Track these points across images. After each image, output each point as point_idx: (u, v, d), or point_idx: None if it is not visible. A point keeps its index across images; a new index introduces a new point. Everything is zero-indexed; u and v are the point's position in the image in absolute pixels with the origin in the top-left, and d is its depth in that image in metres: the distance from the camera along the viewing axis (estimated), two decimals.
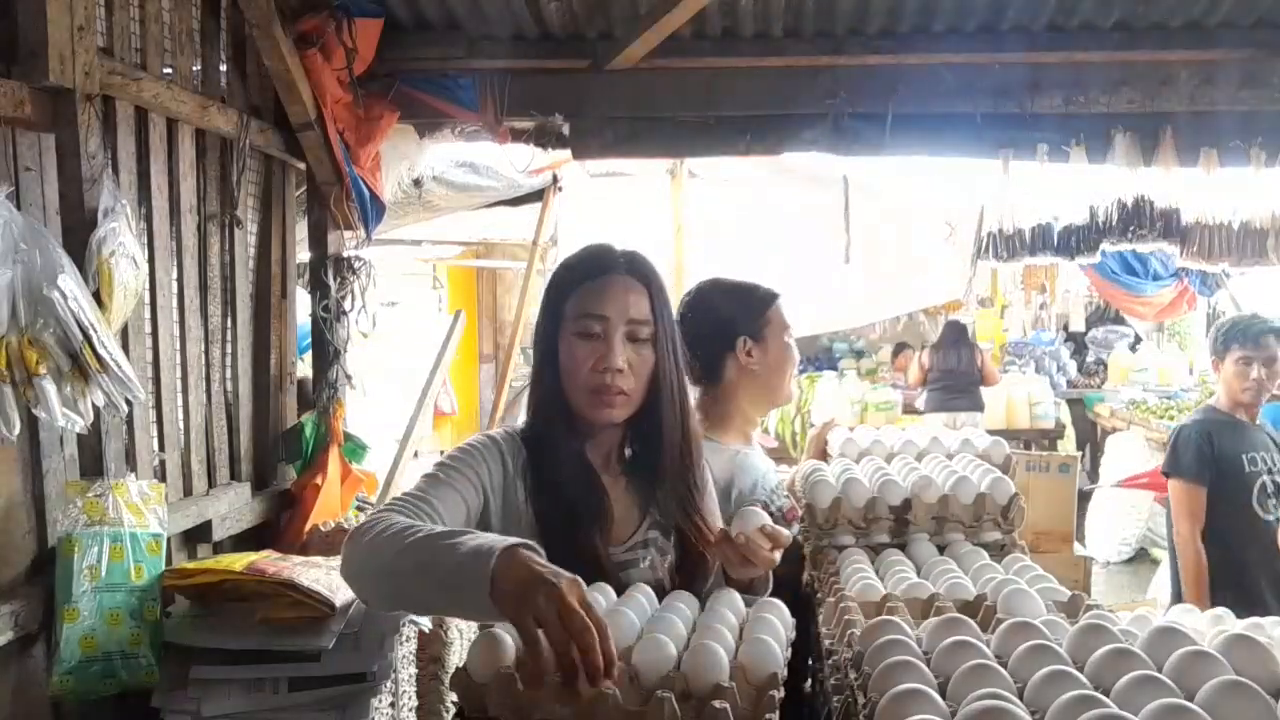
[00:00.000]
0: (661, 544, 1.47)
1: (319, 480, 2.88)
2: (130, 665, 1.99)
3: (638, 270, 1.47)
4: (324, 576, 2.05)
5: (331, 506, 2.91)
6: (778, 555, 1.33)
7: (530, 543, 1.12)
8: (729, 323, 1.96)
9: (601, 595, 1.32)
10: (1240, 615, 1.45)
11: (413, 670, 2.33)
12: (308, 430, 2.96)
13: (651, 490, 1.49)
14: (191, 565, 2.20)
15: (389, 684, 2.13)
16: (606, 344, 1.41)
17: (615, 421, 1.45)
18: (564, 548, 1.28)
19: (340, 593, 2.03)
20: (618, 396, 1.42)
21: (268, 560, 2.14)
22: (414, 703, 2.33)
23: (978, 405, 7.26)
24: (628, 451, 1.52)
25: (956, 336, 7.48)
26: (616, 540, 1.44)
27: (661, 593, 1.35)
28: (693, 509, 1.47)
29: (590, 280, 1.45)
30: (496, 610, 1.07)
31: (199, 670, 2.03)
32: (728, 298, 1.99)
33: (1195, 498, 3.04)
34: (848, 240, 5.36)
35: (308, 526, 2.79)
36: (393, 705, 2.18)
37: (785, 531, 1.33)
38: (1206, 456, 3.05)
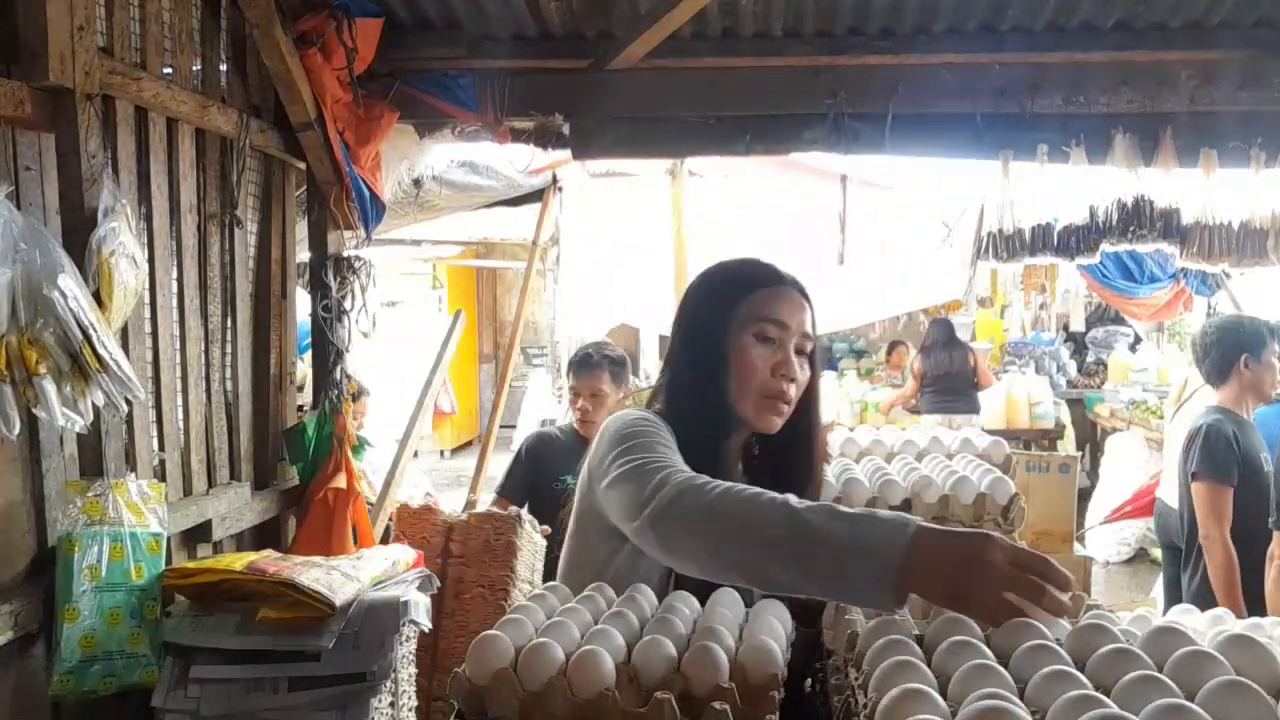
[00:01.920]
0: None
1: (343, 484, 2.89)
2: (130, 665, 2.00)
3: (800, 288, 1.51)
4: (324, 576, 2.05)
5: (361, 508, 2.94)
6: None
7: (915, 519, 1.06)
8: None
9: (601, 595, 1.32)
10: (1262, 615, 1.45)
11: (413, 670, 2.32)
12: (309, 430, 2.96)
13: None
14: (191, 565, 2.20)
15: (389, 684, 2.13)
16: (784, 352, 1.43)
17: (774, 430, 1.45)
18: None
19: (340, 593, 2.03)
20: (786, 405, 1.43)
21: (268, 560, 2.14)
22: (414, 703, 2.33)
23: (974, 407, 7.25)
24: (739, 465, 1.51)
25: (946, 337, 7.46)
26: None
27: (749, 603, 1.30)
28: None
29: (767, 287, 1.46)
30: (897, 598, 1.03)
31: (199, 670, 2.03)
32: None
33: (1224, 498, 3.02)
34: (843, 240, 5.36)
35: (348, 530, 2.81)
36: (393, 705, 2.18)
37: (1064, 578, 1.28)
38: (1235, 456, 3.04)
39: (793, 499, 1.12)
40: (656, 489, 1.21)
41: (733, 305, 1.44)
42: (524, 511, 2.93)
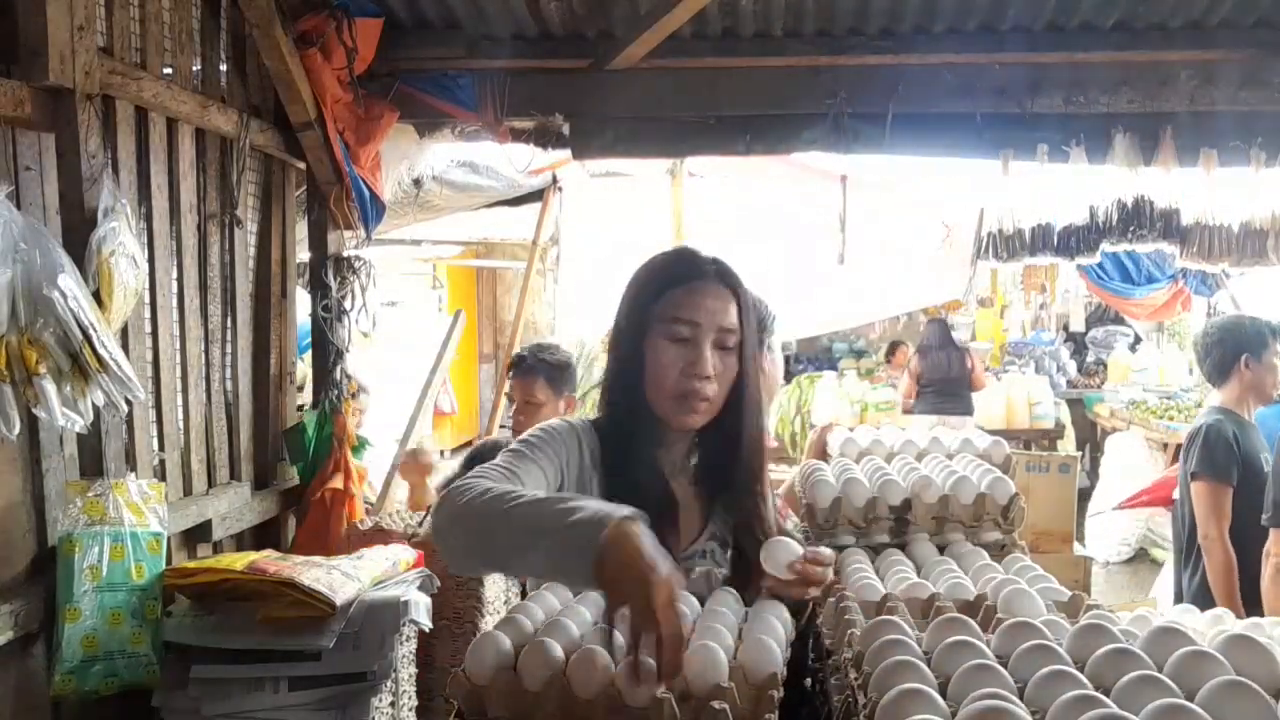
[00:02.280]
0: (718, 555, 1.46)
1: (340, 484, 2.89)
2: (131, 664, 2.00)
3: (726, 278, 1.47)
4: (324, 576, 2.05)
5: (356, 508, 2.94)
6: (829, 572, 1.32)
7: (639, 514, 1.09)
8: None
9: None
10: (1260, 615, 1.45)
11: (413, 670, 2.33)
12: (309, 429, 2.96)
13: (714, 500, 1.49)
14: (192, 564, 2.20)
15: (389, 684, 2.13)
16: (696, 350, 1.41)
17: (695, 428, 1.45)
18: None
19: (340, 592, 2.03)
20: (703, 403, 1.42)
21: (268, 560, 2.14)
22: (414, 703, 2.33)
23: (968, 409, 7.24)
24: (693, 460, 1.51)
25: (942, 338, 7.45)
26: (677, 547, 1.42)
27: (749, 602, 1.33)
28: (756, 521, 1.46)
29: (681, 284, 1.43)
30: (595, 582, 1.06)
31: (199, 670, 2.03)
32: None
33: (1224, 498, 3.02)
34: (843, 240, 5.36)
35: (344, 529, 2.80)
36: (393, 705, 2.18)
37: (827, 551, 1.31)
38: (1235, 456, 3.03)
39: (526, 494, 1.18)
40: (452, 490, 1.25)
41: (648, 307, 1.44)
42: None
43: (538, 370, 2.87)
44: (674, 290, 1.43)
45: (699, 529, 1.47)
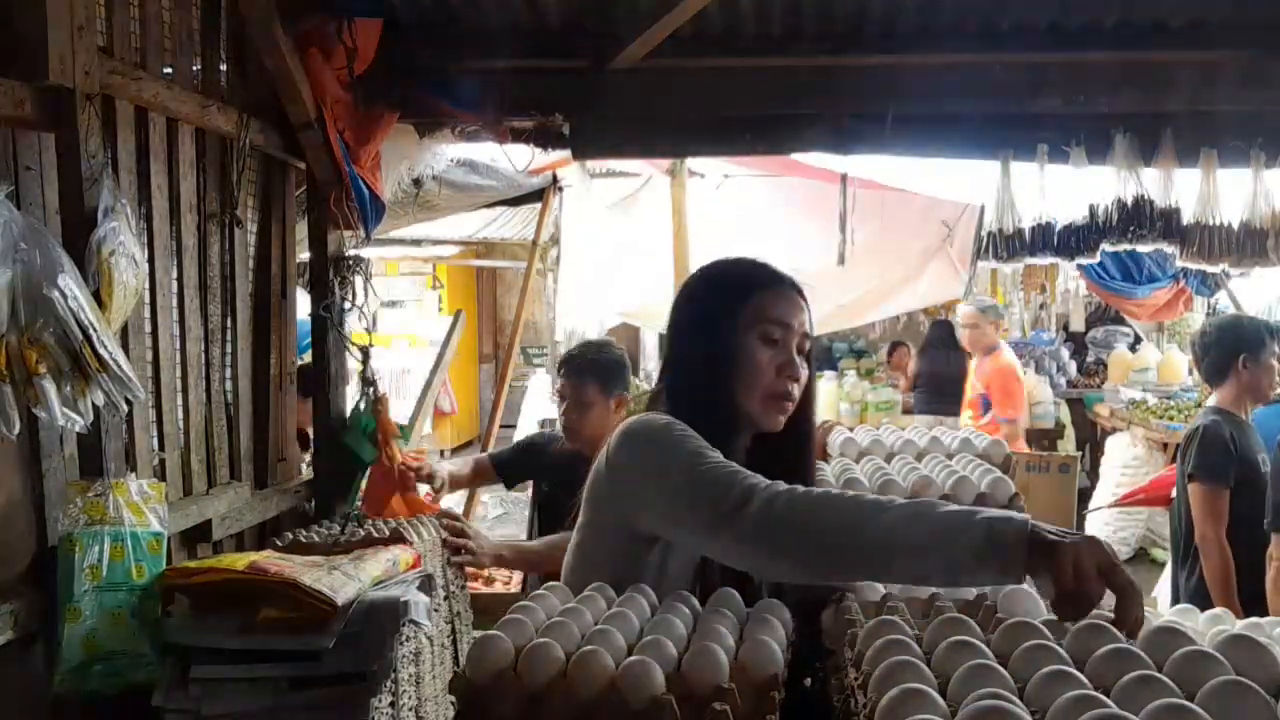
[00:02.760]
0: None
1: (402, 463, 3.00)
2: (132, 665, 2.00)
3: (799, 288, 1.53)
4: (325, 576, 2.05)
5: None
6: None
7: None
8: None
9: (601, 595, 1.32)
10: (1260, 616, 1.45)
11: (413, 670, 2.32)
12: (359, 426, 3.01)
13: None
14: (192, 564, 2.20)
15: (389, 684, 2.13)
16: (787, 352, 1.45)
17: (779, 429, 1.48)
18: None
19: (341, 592, 2.03)
20: (790, 404, 1.46)
21: (269, 560, 2.14)
22: (414, 702, 2.33)
23: (959, 409, 7.25)
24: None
25: (945, 338, 7.46)
26: None
27: (756, 599, 1.33)
28: None
29: (771, 288, 1.49)
30: (1020, 573, 1.11)
31: (199, 670, 2.03)
32: None
33: (1221, 499, 3.02)
34: (843, 240, 5.37)
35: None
36: (393, 705, 2.18)
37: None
38: (1232, 457, 3.04)
39: (894, 500, 1.20)
40: (743, 496, 1.23)
41: (737, 306, 1.46)
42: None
43: (589, 370, 2.84)
44: (764, 293, 1.48)
45: None
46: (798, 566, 1.24)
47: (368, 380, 3.09)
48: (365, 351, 3.11)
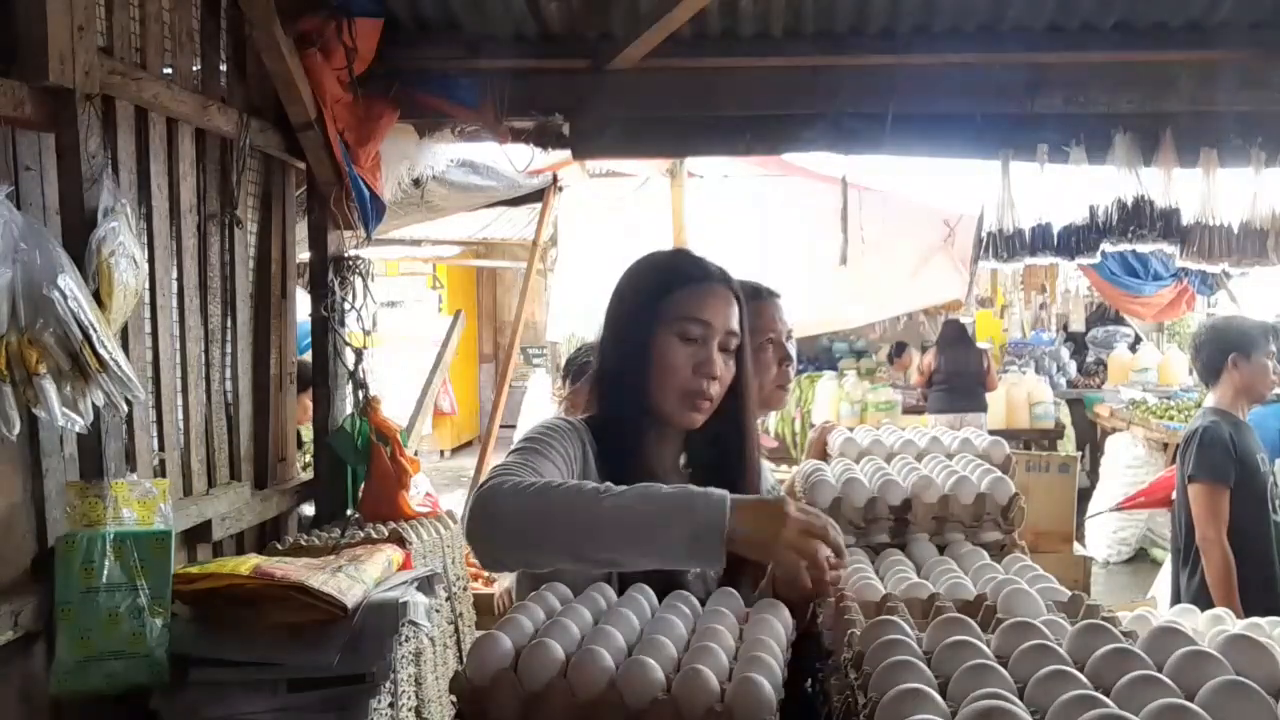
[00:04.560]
0: None
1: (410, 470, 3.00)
2: (131, 665, 1.99)
3: (730, 284, 1.50)
4: (330, 578, 2.05)
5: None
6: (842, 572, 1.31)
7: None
8: None
9: (601, 595, 1.32)
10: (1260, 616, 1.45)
11: (412, 670, 2.33)
12: (351, 430, 2.99)
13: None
14: (195, 570, 2.19)
15: (389, 684, 2.13)
16: (706, 350, 1.43)
17: (695, 427, 1.46)
18: None
19: (349, 594, 2.03)
20: (707, 403, 1.44)
21: (273, 564, 2.13)
22: (414, 702, 2.33)
23: (982, 406, 7.26)
24: (682, 460, 1.53)
25: (958, 336, 7.47)
26: None
27: (750, 602, 1.32)
28: None
29: (694, 284, 1.45)
30: (722, 553, 1.15)
31: (198, 672, 2.03)
32: None
33: (1221, 499, 3.02)
34: (844, 240, 5.37)
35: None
36: (392, 705, 2.18)
37: (840, 540, 1.28)
38: (1232, 458, 3.03)
39: (608, 486, 1.21)
40: (493, 485, 1.26)
41: (656, 302, 1.44)
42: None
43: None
44: (684, 289, 1.44)
45: None
46: (500, 554, 1.28)
47: (359, 382, 3.08)
48: (358, 353, 3.11)
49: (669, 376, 1.42)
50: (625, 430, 1.45)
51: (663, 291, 1.45)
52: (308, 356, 3.21)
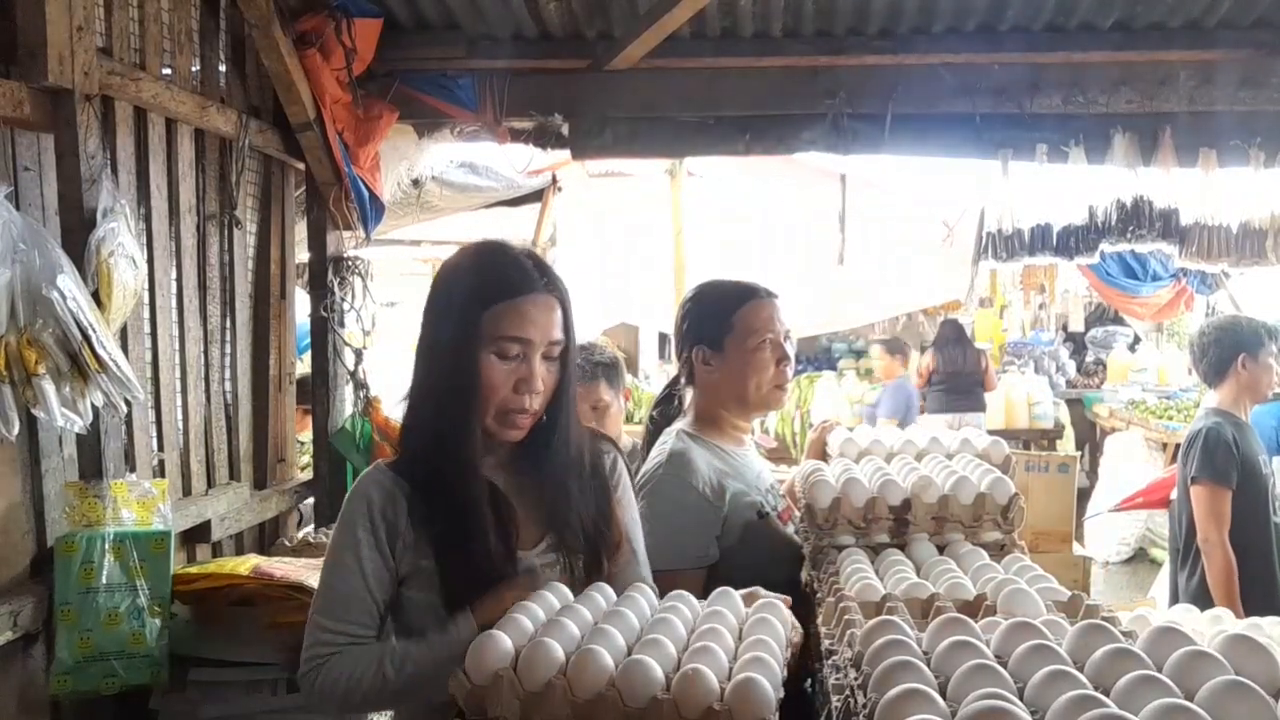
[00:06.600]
0: (571, 543, 1.45)
1: None
2: (130, 665, 1.99)
3: (553, 285, 1.42)
4: None
5: None
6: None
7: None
8: (690, 329, 1.96)
9: (601, 595, 1.32)
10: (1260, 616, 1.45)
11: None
12: (353, 430, 2.98)
13: (551, 495, 1.45)
14: (195, 570, 2.19)
15: None
16: (528, 366, 1.37)
17: (517, 439, 1.42)
18: (468, 560, 1.34)
19: None
20: (528, 417, 1.40)
21: (273, 564, 2.13)
22: None
23: (981, 406, 7.25)
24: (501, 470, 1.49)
25: (956, 336, 7.47)
26: (526, 546, 1.42)
27: (579, 589, 1.36)
28: (592, 511, 1.47)
29: (511, 299, 1.37)
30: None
31: (197, 672, 2.03)
32: (700, 302, 1.98)
33: (1224, 501, 3.01)
34: (843, 240, 5.37)
35: None
36: None
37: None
38: (1234, 459, 3.03)
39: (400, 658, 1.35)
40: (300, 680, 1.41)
41: (475, 319, 1.36)
42: None
43: (597, 373, 2.82)
44: (503, 304, 1.36)
45: (545, 524, 1.45)
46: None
47: (359, 383, 3.08)
48: (358, 354, 3.11)
49: (490, 395, 1.37)
50: (446, 452, 1.39)
51: (480, 306, 1.36)
52: (307, 366, 3.22)
